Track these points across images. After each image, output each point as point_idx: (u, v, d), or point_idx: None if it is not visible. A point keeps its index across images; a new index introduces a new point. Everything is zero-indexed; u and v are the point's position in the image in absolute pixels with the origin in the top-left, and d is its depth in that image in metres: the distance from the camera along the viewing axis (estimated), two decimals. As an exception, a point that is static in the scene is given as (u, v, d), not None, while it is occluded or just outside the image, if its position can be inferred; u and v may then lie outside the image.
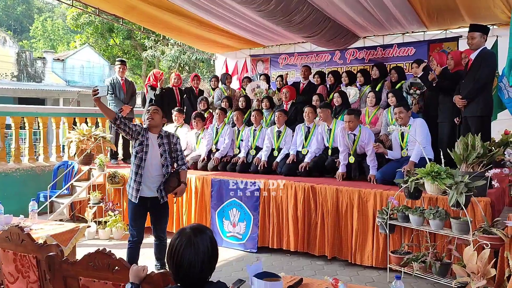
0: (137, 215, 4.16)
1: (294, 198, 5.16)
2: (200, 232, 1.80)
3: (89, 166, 6.95)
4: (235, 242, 5.53)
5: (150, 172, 4.07)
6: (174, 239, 1.79)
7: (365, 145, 5.39)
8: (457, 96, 5.02)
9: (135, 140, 4.09)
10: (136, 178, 4.05)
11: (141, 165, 4.04)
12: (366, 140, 5.37)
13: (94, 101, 3.91)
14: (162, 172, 4.13)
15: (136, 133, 4.05)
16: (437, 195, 4.01)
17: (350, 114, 5.38)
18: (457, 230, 3.72)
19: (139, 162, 4.04)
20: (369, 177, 5.27)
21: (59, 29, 35.42)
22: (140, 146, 4.05)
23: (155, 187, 4.10)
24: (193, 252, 1.73)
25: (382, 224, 4.23)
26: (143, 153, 4.04)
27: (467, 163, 3.96)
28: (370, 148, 5.29)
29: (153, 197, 4.12)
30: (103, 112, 4.02)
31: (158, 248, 4.33)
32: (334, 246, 4.93)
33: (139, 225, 4.20)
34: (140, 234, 4.20)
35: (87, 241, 5.90)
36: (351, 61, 8.90)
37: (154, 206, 4.16)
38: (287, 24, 6.49)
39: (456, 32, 7.78)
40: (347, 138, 5.43)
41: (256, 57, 10.14)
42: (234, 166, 6.29)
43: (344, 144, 5.46)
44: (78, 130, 7.30)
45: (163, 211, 4.31)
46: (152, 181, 4.08)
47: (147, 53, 20.02)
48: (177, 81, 8.10)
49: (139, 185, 4.04)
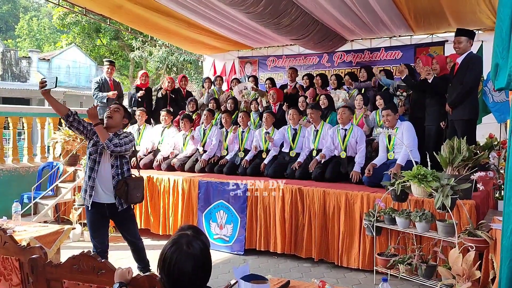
0: (96, 225, 3.83)
1: (282, 200, 5.15)
2: (195, 239, 1.73)
3: (75, 167, 6.87)
4: (222, 244, 5.51)
5: (104, 175, 3.76)
6: (166, 247, 1.72)
7: (357, 143, 5.54)
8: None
9: (89, 140, 3.79)
10: (89, 182, 3.74)
11: (94, 168, 3.75)
12: (358, 138, 5.52)
13: (42, 94, 3.57)
14: (112, 174, 3.80)
15: (92, 132, 3.75)
16: (423, 197, 4.04)
17: (345, 107, 5.68)
18: (443, 233, 3.75)
19: (93, 165, 3.75)
20: (352, 174, 5.29)
21: (45, 29, 35.00)
22: (94, 147, 3.76)
23: (112, 193, 3.79)
24: (185, 261, 1.67)
25: (369, 226, 4.25)
26: (97, 155, 3.75)
27: (453, 166, 4.00)
28: (362, 147, 5.43)
29: (111, 203, 3.80)
30: (53, 107, 3.66)
31: (135, 252, 4.09)
32: (321, 248, 4.94)
33: (101, 236, 3.85)
34: (103, 244, 3.85)
35: (72, 243, 5.82)
36: (338, 64, 8.95)
37: (113, 213, 3.85)
38: (276, 26, 6.51)
39: (442, 36, 7.88)
40: (338, 134, 5.62)
41: (244, 59, 10.14)
42: (222, 168, 6.26)
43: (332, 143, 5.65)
44: (63, 130, 7.22)
45: (126, 218, 3.98)
46: (107, 186, 3.77)
47: (135, 54, 19.88)
48: (170, 84, 8.06)
49: (91, 189, 3.74)
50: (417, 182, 3.77)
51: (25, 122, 7.66)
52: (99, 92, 7.22)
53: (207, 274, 1.74)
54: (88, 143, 3.82)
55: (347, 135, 5.57)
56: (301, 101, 6.79)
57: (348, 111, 5.67)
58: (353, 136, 5.53)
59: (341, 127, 5.66)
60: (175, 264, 1.67)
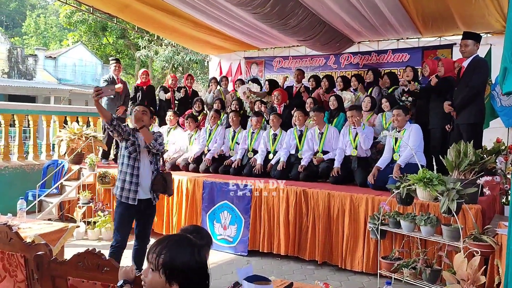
0: (126, 220, 4.10)
1: (286, 202, 5.16)
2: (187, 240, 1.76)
3: (79, 166, 6.92)
4: (226, 245, 5.52)
5: (144, 172, 4.06)
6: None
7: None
8: (447, 102, 5.08)
9: (126, 140, 4.05)
10: (133, 180, 4.00)
11: (135, 166, 4.02)
12: (368, 136, 5.58)
13: (94, 101, 3.84)
14: (151, 170, 4.11)
15: (127, 134, 4.02)
16: (429, 201, 4.04)
17: (351, 110, 5.66)
18: (448, 237, 3.74)
19: (133, 163, 4.01)
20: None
21: (52, 27, 35.22)
22: (133, 146, 4.02)
23: (149, 189, 4.09)
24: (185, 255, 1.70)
25: (374, 229, 4.24)
26: (136, 153, 4.02)
27: (459, 170, 3.99)
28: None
29: (147, 199, 4.10)
30: (101, 113, 3.95)
31: (138, 253, 4.20)
32: (325, 251, 4.94)
33: (127, 230, 4.12)
34: (124, 240, 4.08)
35: (76, 242, 5.86)
36: (345, 66, 8.94)
37: (146, 208, 4.13)
38: (282, 27, 6.52)
39: (450, 39, 7.85)
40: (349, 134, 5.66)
41: (250, 59, 10.15)
42: (227, 169, 6.28)
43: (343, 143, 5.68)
44: (69, 129, 7.27)
45: (153, 214, 4.33)
46: (146, 182, 4.07)
47: (141, 53, 19.93)
48: (174, 82, 8.10)
49: (136, 186, 4.00)
50: (423, 186, 3.77)
51: (31, 119, 7.72)
52: (107, 98, 7.12)
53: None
54: (126, 143, 4.03)
55: (358, 133, 5.56)
56: (309, 103, 6.76)
57: (358, 113, 5.67)
58: (363, 134, 5.52)
59: (353, 127, 5.67)
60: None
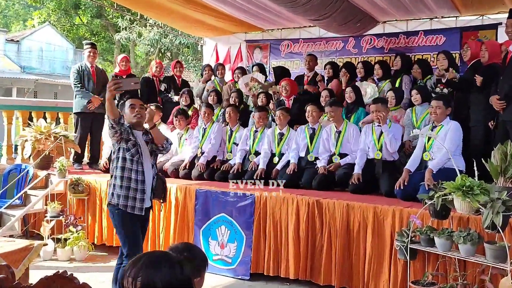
0: (137, 232, 4.17)
1: (296, 215, 5.16)
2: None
3: (47, 171, 6.93)
4: (224, 267, 5.53)
5: (147, 177, 4.15)
6: None
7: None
8: (495, 96, 5.06)
9: (126, 141, 4.09)
10: (138, 186, 4.08)
11: (139, 170, 4.08)
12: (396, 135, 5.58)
13: (110, 95, 3.92)
14: (153, 174, 4.23)
15: (126, 132, 4.07)
16: (469, 214, 4.04)
17: (376, 103, 5.65)
18: (492, 257, 3.73)
19: (137, 167, 4.08)
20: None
21: (14, 4, 35.30)
22: (135, 147, 4.08)
23: (150, 196, 4.20)
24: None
25: (402, 248, 4.24)
26: (139, 155, 4.09)
27: (506, 177, 3.98)
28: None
29: (149, 207, 4.25)
30: (111, 109, 4.00)
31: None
32: (343, 274, 4.94)
33: (141, 245, 4.23)
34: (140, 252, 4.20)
35: (43, 262, 5.87)
36: (367, 51, 8.93)
37: (146, 219, 4.31)
38: (291, 4, 6.51)
39: (494, 18, 7.83)
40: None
41: (253, 43, 10.16)
42: (225, 175, 6.27)
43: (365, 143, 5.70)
44: (34, 127, 7.27)
45: (146, 224, 4.46)
46: (149, 188, 4.18)
47: (121, 35, 19.97)
48: (159, 70, 8.12)
49: (143, 194, 4.10)
50: (462, 196, 3.76)
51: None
52: (82, 88, 7.19)
53: None
54: (126, 144, 4.07)
55: (383, 132, 5.53)
56: (324, 96, 6.72)
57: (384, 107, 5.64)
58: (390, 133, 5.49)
59: (377, 124, 5.65)
60: None
